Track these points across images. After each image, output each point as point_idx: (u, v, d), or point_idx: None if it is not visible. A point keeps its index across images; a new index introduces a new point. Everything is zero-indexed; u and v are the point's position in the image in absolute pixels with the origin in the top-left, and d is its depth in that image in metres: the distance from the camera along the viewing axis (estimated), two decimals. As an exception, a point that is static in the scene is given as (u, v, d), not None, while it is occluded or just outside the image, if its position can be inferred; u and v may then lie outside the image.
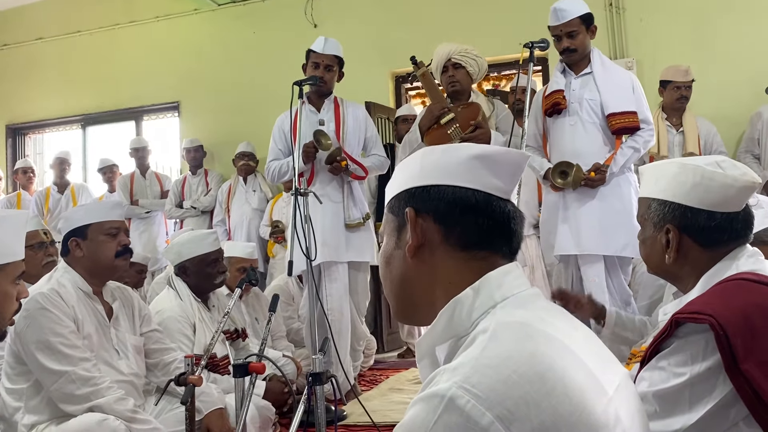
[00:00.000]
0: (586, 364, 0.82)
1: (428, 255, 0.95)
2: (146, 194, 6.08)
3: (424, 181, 0.97)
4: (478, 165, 0.95)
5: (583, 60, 3.31)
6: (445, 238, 0.94)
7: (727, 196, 1.39)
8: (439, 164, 0.96)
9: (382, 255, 1.03)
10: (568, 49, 3.25)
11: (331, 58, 3.60)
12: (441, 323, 0.91)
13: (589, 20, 3.26)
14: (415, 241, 0.95)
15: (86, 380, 2.14)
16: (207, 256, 3.01)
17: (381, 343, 5.03)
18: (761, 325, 1.20)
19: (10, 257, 1.58)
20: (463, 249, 0.94)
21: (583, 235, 3.15)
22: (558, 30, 3.26)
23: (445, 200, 0.94)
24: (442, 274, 0.94)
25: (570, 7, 3.22)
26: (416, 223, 0.95)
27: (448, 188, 0.94)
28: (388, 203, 1.03)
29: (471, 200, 0.93)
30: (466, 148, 0.97)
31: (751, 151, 4.70)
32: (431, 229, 0.95)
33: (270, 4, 6.35)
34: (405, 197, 0.98)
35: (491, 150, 0.97)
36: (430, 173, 0.97)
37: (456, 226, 0.94)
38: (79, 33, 7.07)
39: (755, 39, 4.93)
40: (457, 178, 0.94)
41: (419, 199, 0.96)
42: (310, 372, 2.17)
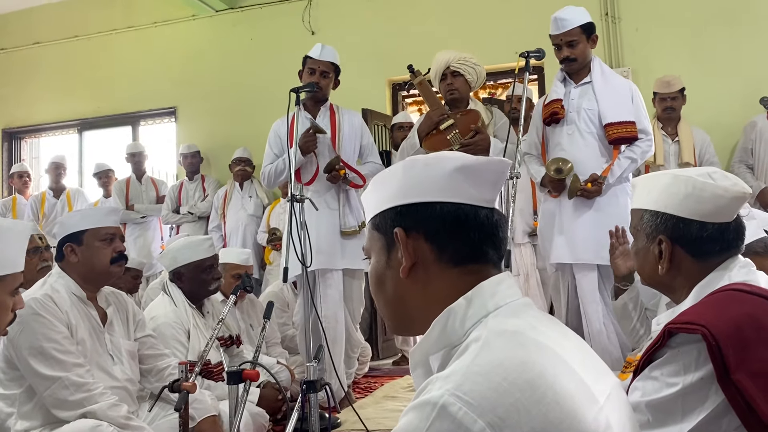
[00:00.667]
0: (577, 372, 0.82)
1: (422, 273, 0.95)
2: (142, 199, 6.07)
3: (409, 198, 0.96)
4: (461, 178, 0.94)
5: (584, 69, 3.30)
6: (437, 256, 0.94)
7: (719, 206, 1.41)
8: (423, 179, 0.95)
9: (373, 274, 1.02)
10: (568, 59, 3.25)
11: (328, 64, 3.61)
12: (434, 333, 0.92)
13: (590, 30, 3.25)
14: (408, 262, 0.95)
15: (79, 386, 2.13)
16: (202, 262, 3.01)
17: (376, 350, 5.03)
18: (753, 336, 1.21)
19: (9, 269, 1.58)
20: (456, 265, 0.94)
21: (579, 244, 3.16)
22: (558, 39, 3.25)
23: (434, 219, 0.94)
24: (437, 290, 0.94)
25: (571, 16, 3.22)
26: (407, 244, 0.94)
27: (436, 205, 0.94)
28: (371, 219, 1.01)
29: (460, 216, 0.93)
30: (447, 161, 0.96)
31: (744, 161, 4.72)
32: (423, 248, 0.94)
33: (268, 11, 6.37)
34: (392, 216, 0.97)
35: (472, 161, 0.96)
36: (415, 189, 0.95)
37: (448, 243, 0.94)
38: (77, 38, 7.07)
39: (750, 49, 4.96)
40: (442, 194, 0.94)
41: (407, 218, 0.95)
42: (304, 379, 2.17)
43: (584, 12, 3.27)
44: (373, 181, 1.03)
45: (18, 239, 1.63)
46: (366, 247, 1.04)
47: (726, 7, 5.05)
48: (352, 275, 3.66)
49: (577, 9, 3.27)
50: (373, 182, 1.03)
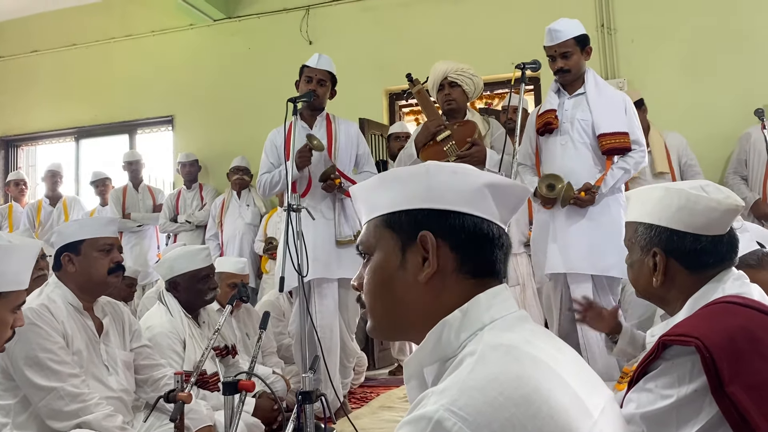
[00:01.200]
0: (572, 386, 0.83)
1: (438, 280, 0.94)
2: (138, 208, 6.07)
3: (437, 203, 0.94)
4: (488, 194, 0.95)
5: (577, 80, 3.33)
6: (458, 266, 0.93)
7: (712, 219, 1.42)
8: (453, 188, 0.95)
9: (375, 272, 0.98)
10: (562, 70, 3.28)
11: (324, 73, 3.63)
12: (429, 344, 0.92)
13: (585, 41, 3.28)
14: (434, 268, 0.93)
15: (75, 396, 2.13)
16: (198, 272, 3.01)
17: (372, 360, 5.02)
18: (747, 349, 1.22)
19: (14, 286, 1.58)
20: (473, 277, 0.94)
21: (572, 254, 3.17)
22: (552, 50, 3.28)
23: (463, 229, 0.93)
24: (449, 300, 0.93)
25: (565, 28, 3.25)
26: (437, 250, 0.93)
27: (467, 217, 0.94)
28: (383, 217, 0.97)
29: (489, 232, 0.94)
30: (476, 175, 0.96)
31: (739, 172, 4.74)
32: (447, 256, 0.93)
33: (265, 21, 6.40)
34: (417, 217, 0.94)
35: (500, 180, 0.97)
36: (444, 196, 0.94)
37: (474, 256, 0.94)
38: (74, 46, 7.09)
39: (744, 61, 5.00)
40: (472, 206, 0.94)
41: (436, 223, 0.94)
42: (299, 390, 2.17)
43: (578, 24, 3.30)
44: (383, 177, 1.00)
45: (26, 258, 1.64)
46: (366, 242, 1.00)
47: (721, 20, 5.08)
48: (347, 285, 3.66)
49: (572, 21, 3.29)
50: (381, 178, 1.00)
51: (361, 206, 1.03)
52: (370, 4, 6.06)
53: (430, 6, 5.87)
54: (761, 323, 1.28)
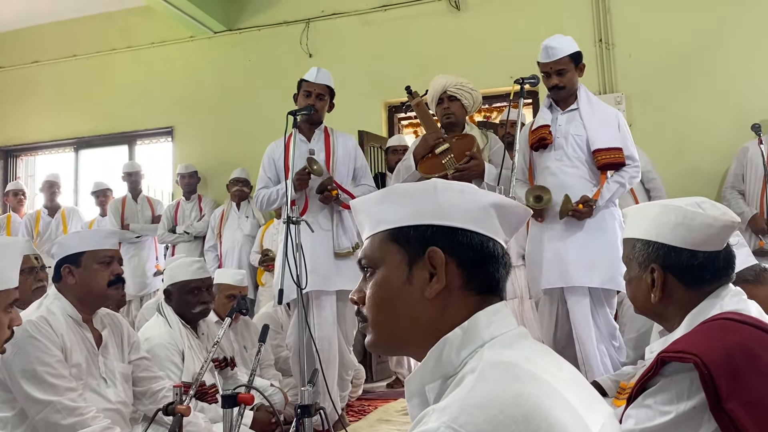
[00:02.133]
0: (571, 403, 0.83)
1: (444, 296, 0.94)
2: (137, 218, 6.07)
3: (446, 220, 0.95)
4: (494, 213, 0.98)
5: (571, 96, 3.37)
6: (465, 283, 0.95)
7: (709, 235, 1.44)
8: (461, 206, 0.96)
9: (380, 287, 0.98)
10: (557, 87, 3.31)
11: (323, 87, 3.65)
12: (430, 362, 0.92)
13: (578, 58, 3.33)
14: (442, 283, 0.94)
15: (72, 410, 2.13)
16: (187, 283, 3.00)
17: (370, 372, 5.01)
18: (745, 365, 1.23)
19: (3, 284, 1.58)
20: (478, 293, 0.95)
21: (569, 268, 3.17)
22: (548, 67, 3.31)
23: (471, 247, 0.95)
24: (453, 316, 0.94)
25: (560, 45, 3.29)
26: (446, 266, 0.94)
27: (475, 235, 0.95)
28: (389, 231, 0.97)
29: (495, 251, 0.97)
30: (482, 194, 0.99)
31: (736, 187, 4.76)
32: (454, 272, 0.94)
33: (266, 33, 6.44)
34: (426, 233, 0.95)
35: (505, 201, 1.00)
36: (452, 213, 0.96)
37: (480, 274, 0.95)
38: (75, 57, 7.12)
39: (741, 76, 5.03)
40: (479, 225, 0.96)
41: (444, 239, 0.95)
42: (298, 404, 2.17)
43: (572, 41, 3.34)
44: (388, 192, 1.01)
45: (11, 255, 1.64)
46: (369, 256, 1.00)
47: (717, 35, 5.13)
48: (345, 297, 3.66)
49: (566, 38, 3.34)
50: (386, 193, 1.01)
51: (364, 220, 1.03)
52: (370, 17, 6.10)
53: (430, 20, 5.91)
54: (759, 340, 1.29)
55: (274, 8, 6.44)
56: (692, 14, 5.20)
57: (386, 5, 6.03)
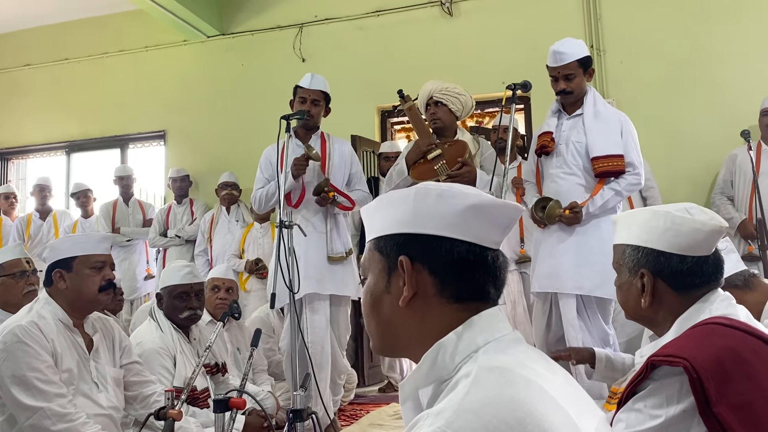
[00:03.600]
0: (564, 408, 0.84)
1: (420, 304, 0.95)
2: (128, 222, 6.05)
3: (418, 228, 0.95)
4: (472, 216, 0.95)
5: (578, 101, 3.33)
6: (439, 290, 0.95)
7: (697, 240, 1.45)
8: (434, 211, 0.95)
9: (367, 294, 1.02)
10: (564, 91, 3.28)
11: (318, 93, 3.66)
12: (425, 366, 0.93)
13: (587, 63, 3.28)
14: (410, 293, 0.95)
15: (61, 416, 2.12)
16: (175, 287, 2.99)
17: (362, 377, 5.00)
18: (734, 369, 1.24)
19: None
20: (456, 301, 0.95)
21: (560, 273, 3.18)
22: (556, 72, 3.28)
23: (442, 254, 0.94)
24: (433, 323, 0.95)
25: (569, 50, 3.24)
26: (412, 274, 0.95)
27: (446, 241, 0.94)
28: (374, 240, 1.01)
29: (469, 256, 0.94)
30: (462, 197, 0.95)
31: (725, 193, 4.80)
32: (426, 280, 0.95)
33: (259, 38, 6.44)
34: (398, 242, 0.96)
35: (487, 201, 0.96)
36: (426, 221, 0.95)
37: (452, 280, 0.94)
38: (67, 60, 7.10)
39: (731, 83, 5.07)
40: (454, 230, 0.94)
41: (414, 247, 0.95)
42: (291, 408, 2.17)
43: (582, 45, 3.29)
44: (380, 199, 1.02)
45: None
46: (363, 264, 1.03)
47: (707, 42, 5.17)
48: (338, 301, 3.67)
49: (576, 42, 3.29)
50: (379, 200, 1.02)
51: (366, 227, 1.06)
52: (364, 22, 6.12)
53: (423, 25, 5.93)
54: (748, 344, 1.31)
55: (267, 13, 6.44)
56: (683, 22, 5.25)
57: (379, 11, 6.06)
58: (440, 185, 0.98)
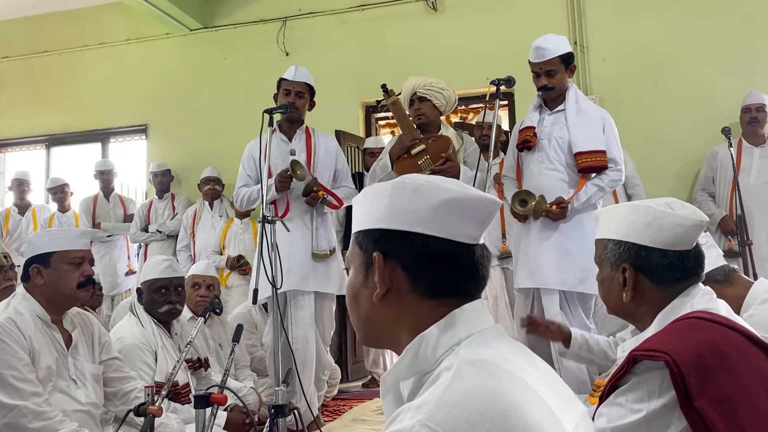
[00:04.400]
0: (546, 402, 0.84)
1: (395, 300, 0.95)
2: (109, 217, 5.98)
3: (392, 224, 0.95)
4: (447, 212, 0.93)
5: (559, 97, 3.34)
6: (412, 286, 0.94)
7: (678, 234, 1.46)
8: (409, 207, 0.94)
9: (349, 287, 1.03)
10: (546, 87, 3.28)
11: (302, 85, 3.64)
12: (406, 359, 0.93)
13: (569, 59, 3.29)
14: (382, 290, 0.95)
15: (38, 414, 2.10)
16: (154, 281, 2.95)
17: (345, 372, 5.00)
18: (714, 364, 1.25)
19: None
20: (431, 297, 0.94)
21: (542, 269, 3.19)
22: (538, 67, 3.28)
23: (414, 250, 0.93)
24: (409, 319, 0.95)
25: (551, 45, 3.25)
26: (384, 270, 0.95)
27: (417, 237, 0.93)
28: (355, 234, 1.01)
29: (440, 252, 0.93)
30: (437, 192, 0.94)
31: (706, 189, 4.85)
32: (399, 276, 0.95)
33: (242, 31, 6.39)
34: (374, 237, 0.96)
35: (462, 195, 0.94)
36: (400, 217, 0.95)
37: (425, 276, 0.94)
38: (46, 53, 7.00)
39: (712, 80, 5.12)
40: (426, 226, 0.93)
41: (388, 243, 0.95)
42: (272, 404, 2.15)
43: (565, 41, 3.30)
44: (364, 192, 1.02)
45: None
46: (347, 257, 1.05)
47: (689, 40, 5.22)
48: (322, 297, 3.66)
49: (558, 38, 3.29)
50: (363, 193, 1.02)
51: (353, 220, 1.06)
52: (348, 16, 6.10)
53: (407, 20, 5.92)
54: (728, 338, 1.32)
55: (250, 6, 6.39)
56: (665, 19, 5.29)
57: (364, 5, 6.03)
58: (419, 178, 0.97)
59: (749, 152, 4.66)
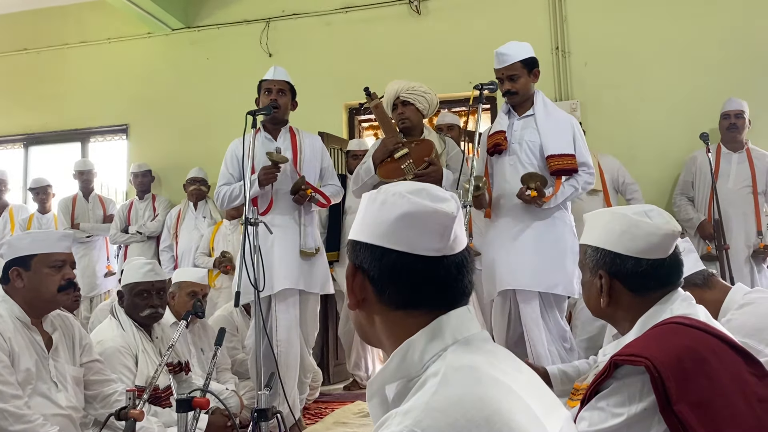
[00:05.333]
0: (531, 407, 0.85)
1: (369, 309, 0.99)
2: (88, 218, 5.92)
3: (363, 236, 0.99)
4: (404, 225, 0.95)
5: (526, 102, 3.39)
6: (378, 298, 0.97)
7: (651, 243, 1.48)
8: (374, 220, 0.98)
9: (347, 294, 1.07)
10: (509, 92, 3.34)
11: (283, 83, 3.64)
12: (393, 363, 0.94)
13: (532, 64, 3.34)
14: (353, 299, 0.99)
15: (18, 417, 2.09)
16: (136, 285, 2.94)
17: (327, 375, 4.99)
18: (693, 368, 1.27)
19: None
20: (397, 308, 0.97)
21: (519, 270, 3.21)
22: (500, 73, 3.34)
23: (375, 263, 0.96)
24: (384, 328, 0.99)
25: (512, 51, 3.30)
26: (353, 281, 0.99)
27: (377, 250, 0.96)
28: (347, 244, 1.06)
29: (396, 265, 0.95)
30: (396, 206, 0.96)
31: (686, 194, 4.92)
32: (367, 287, 0.98)
33: (225, 31, 6.36)
34: (350, 248, 1.01)
35: (419, 209, 0.95)
36: (368, 229, 0.98)
37: (386, 288, 0.96)
38: (26, 50, 6.91)
39: (691, 86, 5.19)
40: (386, 239, 0.96)
41: (358, 255, 0.99)
42: (255, 408, 2.15)
43: (527, 47, 3.35)
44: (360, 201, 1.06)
45: None
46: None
47: (670, 45, 5.28)
48: (306, 298, 3.64)
49: (521, 44, 3.35)
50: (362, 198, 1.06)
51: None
52: (332, 18, 6.09)
53: (391, 23, 5.94)
54: (706, 344, 1.34)
55: (234, 6, 6.36)
56: (646, 25, 5.35)
57: (347, 7, 6.03)
58: (390, 190, 0.99)
59: (728, 158, 4.73)
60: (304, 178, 3.54)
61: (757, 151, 4.74)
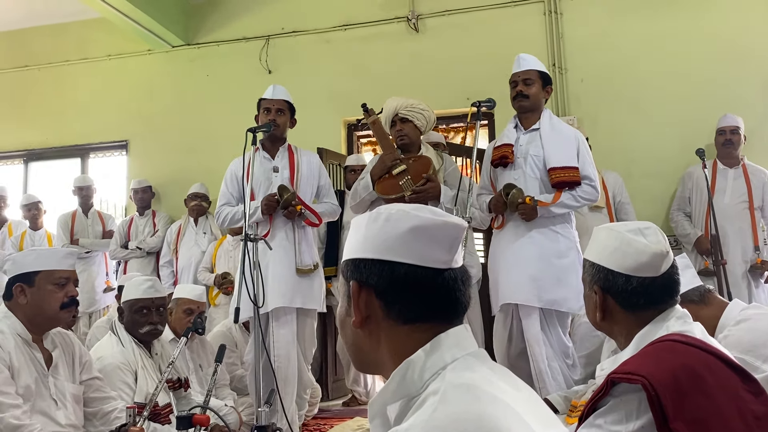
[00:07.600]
0: (530, 424, 0.86)
1: (374, 327, 0.99)
2: (87, 234, 5.92)
3: (366, 253, 0.99)
4: (413, 239, 0.97)
5: (534, 115, 3.42)
6: (386, 313, 0.98)
7: (641, 262, 1.51)
8: (380, 236, 0.99)
9: (338, 315, 1.07)
10: (521, 94, 3.37)
11: (282, 102, 3.67)
12: (393, 383, 0.95)
13: (547, 80, 3.42)
14: (358, 317, 0.99)
15: (15, 428, 2.08)
16: (136, 302, 2.94)
17: (326, 390, 4.98)
18: (689, 386, 1.29)
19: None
20: (405, 323, 0.97)
21: (521, 285, 3.22)
22: (517, 76, 3.40)
23: (384, 277, 0.97)
24: (389, 345, 0.99)
25: (532, 60, 3.43)
26: (359, 299, 0.99)
27: (386, 264, 0.97)
28: (342, 264, 1.06)
29: (408, 278, 0.96)
30: (405, 220, 0.98)
31: (682, 209, 4.94)
32: (373, 304, 0.98)
33: (225, 49, 6.41)
34: (351, 267, 1.01)
35: (428, 222, 0.98)
36: (372, 246, 0.99)
37: (395, 303, 0.97)
38: (27, 67, 6.95)
39: (687, 102, 5.23)
40: (394, 253, 0.97)
41: (362, 272, 0.99)
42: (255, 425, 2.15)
43: (543, 65, 3.47)
44: (351, 224, 1.07)
45: None
46: (339, 286, 1.10)
47: (665, 62, 5.33)
48: (305, 314, 3.65)
49: (539, 60, 3.47)
50: (352, 223, 1.07)
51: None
52: (331, 36, 6.15)
53: (389, 40, 5.98)
54: (703, 361, 1.36)
55: (233, 24, 6.42)
56: (642, 42, 5.40)
57: (346, 25, 6.09)
58: (391, 208, 1.01)
59: (723, 173, 4.76)
60: (294, 193, 3.55)
61: (752, 166, 4.76)
